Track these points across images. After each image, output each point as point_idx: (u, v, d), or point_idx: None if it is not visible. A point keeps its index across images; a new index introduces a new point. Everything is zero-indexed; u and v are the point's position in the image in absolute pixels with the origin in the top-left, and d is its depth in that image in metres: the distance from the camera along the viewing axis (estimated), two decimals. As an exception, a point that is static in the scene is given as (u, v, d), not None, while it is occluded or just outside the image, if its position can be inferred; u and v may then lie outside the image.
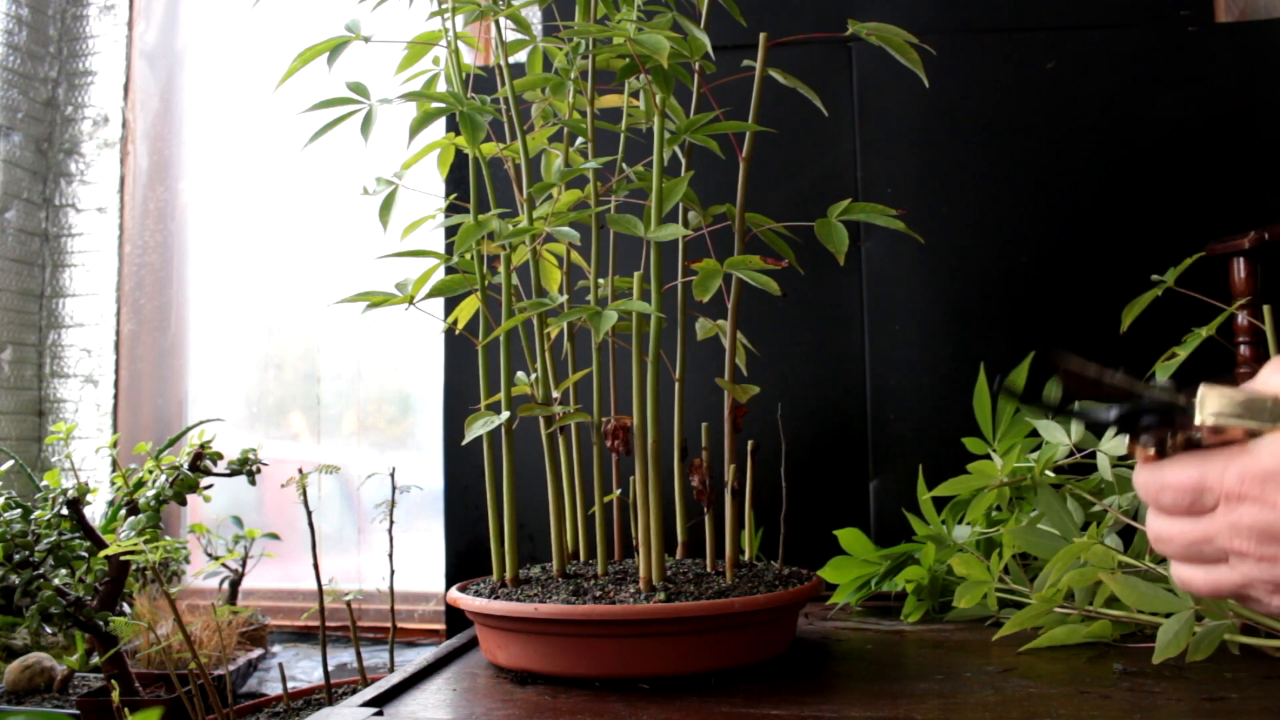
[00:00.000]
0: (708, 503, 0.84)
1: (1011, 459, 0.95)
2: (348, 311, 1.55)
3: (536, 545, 1.20)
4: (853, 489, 1.23)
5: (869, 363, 1.24)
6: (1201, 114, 1.21)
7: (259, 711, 1.10)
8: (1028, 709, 0.66)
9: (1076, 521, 0.93)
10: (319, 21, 1.59)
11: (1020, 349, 1.07)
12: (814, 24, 0.89)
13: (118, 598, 1.07)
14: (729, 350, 0.84)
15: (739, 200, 0.83)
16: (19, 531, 1.05)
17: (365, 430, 1.70)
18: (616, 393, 0.90)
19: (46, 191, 1.80)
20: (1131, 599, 0.79)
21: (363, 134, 0.78)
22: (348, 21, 0.80)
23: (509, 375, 0.82)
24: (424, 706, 0.71)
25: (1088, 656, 0.81)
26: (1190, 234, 1.11)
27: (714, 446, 0.87)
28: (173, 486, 1.06)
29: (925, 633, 0.94)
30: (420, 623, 1.59)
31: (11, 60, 1.73)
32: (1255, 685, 0.71)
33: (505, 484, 0.83)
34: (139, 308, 1.78)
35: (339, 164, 1.65)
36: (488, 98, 0.81)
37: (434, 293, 0.84)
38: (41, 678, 1.24)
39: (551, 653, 0.74)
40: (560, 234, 0.78)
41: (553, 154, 0.89)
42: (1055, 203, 1.23)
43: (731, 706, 0.68)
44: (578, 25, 0.79)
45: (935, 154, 1.24)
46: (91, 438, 1.73)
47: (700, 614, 0.71)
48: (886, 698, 0.70)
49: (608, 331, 0.75)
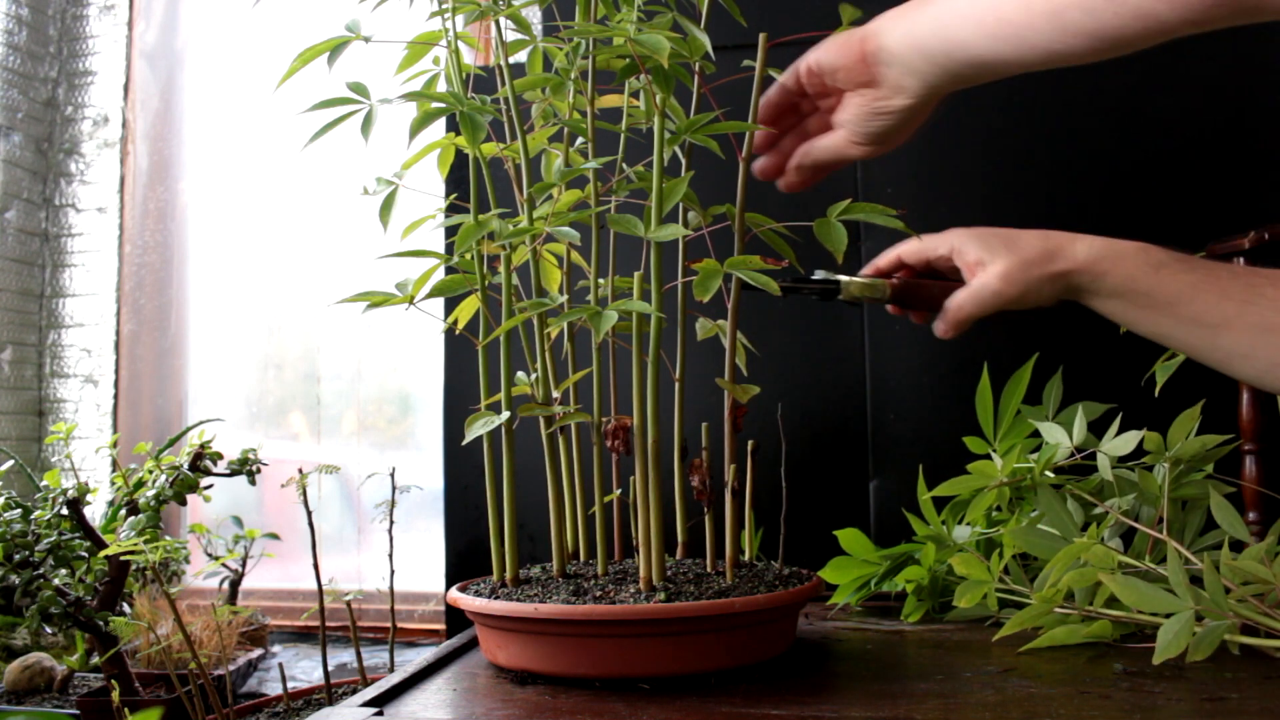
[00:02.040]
0: (708, 503, 0.84)
1: (1012, 459, 0.95)
2: (348, 311, 1.55)
3: (536, 545, 1.20)
4: (853, 489, 1.23)
5: (869, 363, 1.24)
6: (1201, 114, 1.21)
7: (259, 711, 1.10)
8: (1028, 709, 0.66)
9: (1076, 522, 0.93)
10: (319, 21, 1.59)
11: (1020, 349, 1.07)
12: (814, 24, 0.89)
13: (118, 598, 1.07)
14: (729, 350, 0.84)
15: (739, 200, 0.83)
16: (19, 531, 1.05)
17: (365, 430, 1.70)
18: (616, 393, 0.90)
19: (46, 191, 1.80)
20: (1131, 599, 0.79)
21: (363, 134, 0.78)
22: (348, 21, 0.79)
23: (509, 375, 0.82)
24: (424, 706, 0.71)
25: (1088, 656, 0.81)
26: (1190, 234, 1.11)
27: (714, 446, 0.87)
28: (173, 486, 1.06)
29: (925, 633, 0.94)
30: (420, 623, 1.59)
31: (11, 60, 1.73)
32: (1255, 685, 0.71)
33: (505, 484, 0.83)
34: (139, 308, 1.78)
35: (339, 164, 1.65)
36: (488, 98, 0.81)
37: (434, 293, 0.84)
38: (41, 678, 1.24)
39: (552, 653, 0.74)
40: (560, 234, 0.78)
41: (553, 154, 0.89)
42: (1055, 202, 1.23)
43: (731, 706, 0.68)
44: (578, 25, 0.79)
45: (935, 154, 1.24)
46: (91, 438, 1.73)
47: (700, 614, 0.71)
48: (886, 698, 0.70)
49: (608, 331, 0.75)
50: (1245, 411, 1.02)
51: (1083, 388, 1.02)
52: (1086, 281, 0.80)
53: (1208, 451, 0.92)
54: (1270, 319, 0.73)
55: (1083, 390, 1.01)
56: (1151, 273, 0.78)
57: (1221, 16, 0.61)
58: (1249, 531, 0.86)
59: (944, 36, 0.74)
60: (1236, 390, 1.03)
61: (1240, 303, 0.74)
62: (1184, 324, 0.77)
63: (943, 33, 0.74)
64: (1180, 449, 0.91)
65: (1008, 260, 0.80)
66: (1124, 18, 0.64)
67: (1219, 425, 0.94)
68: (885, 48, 0.77)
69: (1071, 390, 1.01)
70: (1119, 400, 0.99)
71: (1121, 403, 0.98)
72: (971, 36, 0.72)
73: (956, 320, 0.83)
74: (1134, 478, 0.93)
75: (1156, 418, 0.93)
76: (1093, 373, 1.08)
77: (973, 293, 0.82)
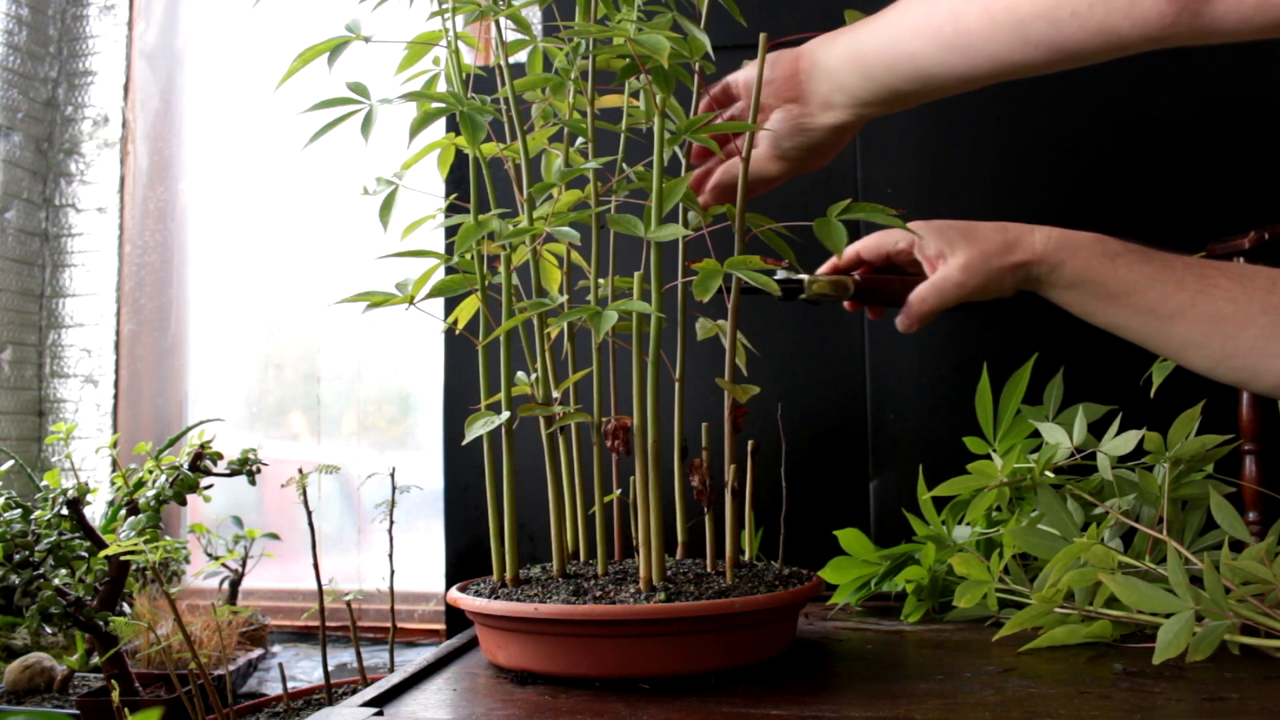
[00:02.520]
0: (708, 503, 0.83)
1: (1011, 459, 0.95)
2: (348, 311, 1.55)
3: (536, 545, 1.20)
4: (853, 489, 1.23)
5: (869, 363, 1.24)
6: (1201, 114, 1.21)
7: (259, 711, 1.10)
8: (1028, 709, 0.66)
9: (1076, 522, 0.93)
10: (319, 21, 1.59)
11: (1020, 349, 1.07)
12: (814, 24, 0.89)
13: (118, 598, 1.07)
14: (729, 350, 0.84)
15: (739, 200, 0.83)
16: (19, 531, 1.05)
17: (365, 430, 1.70)
18: (616, 393, 0.90)
19: (46, 191, 1.80)
20: (1131, 599, 0.79)
21: (363, 134, 0.78)
22: (348, 21, 0.79)
23: (509, 375, 0.82)
24: (424, 706, 0.71)
25: (1088, 656, 0.81)
26: (1190, 234, 1.11)
27: (714, 446, 0.87)
28: (173, 486, 1.06)
29: (925, 633, 0.94)
30: (420, 623, 1.59)
31: (11, 60, 1.73)
32: (1255, 685, 0.71)
33: (505, 484, 0.83)
34: (139, 308, 1.78)
35: (339, 164, 1.65)
36: (488, 98, 0.81)
37: (434, 293, 0.84)
38: (41, 678, 1.24)
39: (551, 653, 0.74)
40: (560, 234, 0.78)
41: (553, 154, 0.89)
42: (1055, 202, 1.23)
43: (731, 706, 0.68)
44: (578, 25, 0.79)
45: (935, 154, 1.24)
46: (91, 438, 1.73)
47: (700, 614, 0.71)
48: (886, 698, 0.69)
49: (608, 331, 0.75)
50: (1245, 411, 1.02)
51: (1083, 388, 1.02)
52: (1044, 272, 0.82)
53: (1208, 451, 0.92)
54: (1223, 309, 0.75)
55: (1083, 390, 1.01)
56: (1107, 263, 0.79)
57: (1178, 36, 0.62)
58: (1249, 531, 0.86)
59: (893, 48, 0.75)
60: (1236, 390, 1.03)
61: (1194, 293, 0.76)
62: (1139, 314, 0.78)
63: (892, 44, 0.75)
64: (1180, 449, 0.91)
65: (968, 253, 0.82)
66: (1087, 32, 0.65)
67: (1219, 425, 0.94)
68: (819, 64, 0.79)
69: (1071, 390, 1.01)
70: (1119, 400, 0.99)
71: (1122, 403, 0.98)
72: (923, 48, 0.73)
73: (920, 314, 0.85)
74: (1134, 478, 0.93)
75: (1156, 418, 0.93)
76: (1093, 373, 1.08)
77: (934, 286, 0.83)
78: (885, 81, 0.76)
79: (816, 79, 0.79)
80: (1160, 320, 0.77)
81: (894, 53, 0.74)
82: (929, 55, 0.72)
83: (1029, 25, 0.67)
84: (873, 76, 0.76)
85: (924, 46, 0.72)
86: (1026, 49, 0.68)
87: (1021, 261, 0.81)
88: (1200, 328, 0.76)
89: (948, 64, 0.72)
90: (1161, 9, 0.61)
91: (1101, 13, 0.63)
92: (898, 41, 0.74)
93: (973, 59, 0.70)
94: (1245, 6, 0.58)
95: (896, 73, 0.75)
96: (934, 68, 0.73)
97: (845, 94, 0.78)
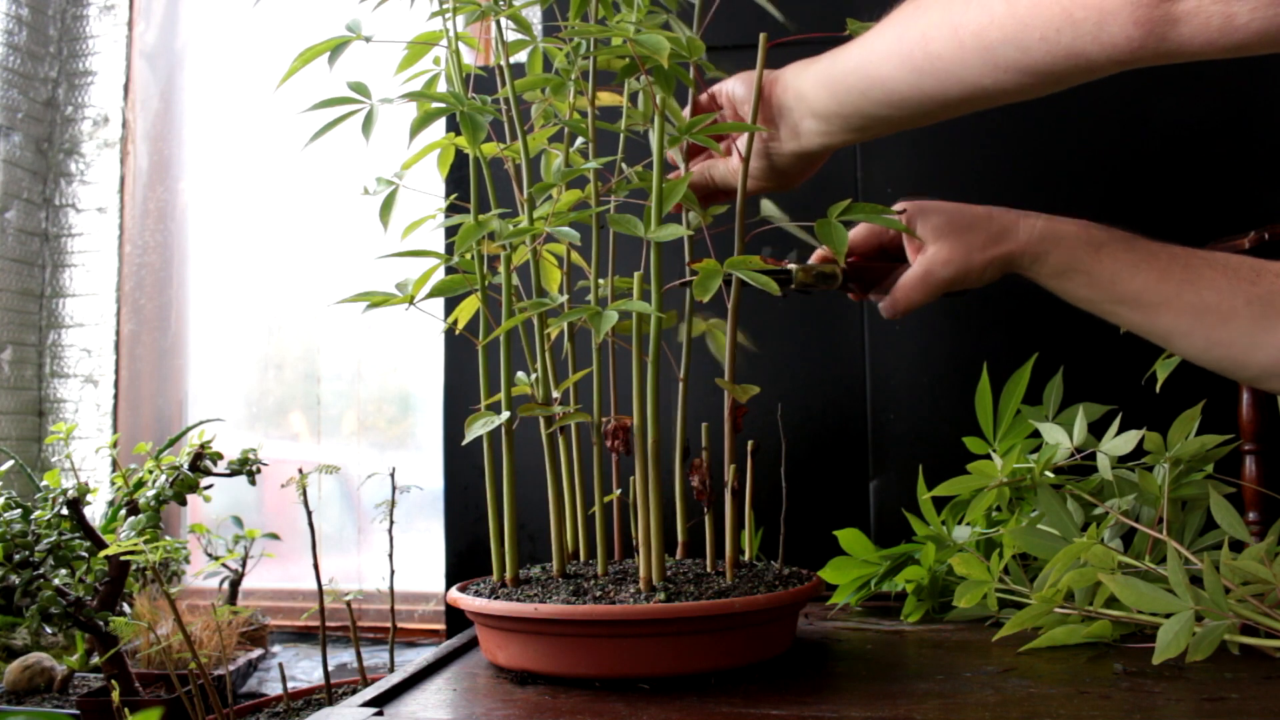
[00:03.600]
0: (708, 503, 0.84)
1: (1011, 459, 0.95)
2: (348, 311, 1.55)
3: (536, 545, 1.20)
4: (853, 489, 1.23)
5: (869, 363, 1.24)
6: (1201, 114, 1.21)
7: (259, 711, 1.10)
8: (1028, 709, 0.66)
9: (1076, 522, 0.93)
10: (319, 21, 1.59)
11: (1020, 349, 1.07)
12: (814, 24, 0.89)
13: (118, 598, 1.07)
14: (729, 350, 0.84)
15: (739, 200, 0.83)
16: (19, 531, 1.05)
17: (365, 430, 1.70)
18: (616, 393, 0.90)
19: (46, 191, 1.80)
20: (1131, 599, 0.79)
21: (363, 134, 0.78)
22: (348, 21, 0.79)
23: (509, 375, 0.82)
24: (424, 706, 0.71)
25: (1088, 656, 0.81)
26: (1190, 234, 1.10)
27: (714, 446, 0.87)
28: (173, 486, 1.06)
29: (925, 633, 0.94)
30: (420, 623, 1.59)
31: (11, 60, 1.73)
32: (1255, 685, 0.71)
33: (505, 484, 0.83)
34: (139, 308, 1.78)
35: (339, 164, 1.65)
36: (488, 98, 0.81)
37: (434, 293, 0.84)
38: (41, 678, 1.24)
39: (551, 653, 0.74)
40: (560, 234, 0.78)
41: (553, 154, 0.89)
42: (1055, 203, 1.22)
43: (731, 706, 0.68)
44: (578, 25, 0.79)
45: (935, 154, 1.24)
46: (91, 438, 1.73)
47: (700, 614, 0.71)
48: (886, 698, 0.70)
49: (608, 331, 0.75)
50: (1245, 411, 1.02)
51: (1083, 388, 1.02)
52: (1028, 262, 0.82)
53: (1208, 451, 0.92)
54: (1207, 299, 0.75)
55: (1083, 390, 1.01)
56: (1092, 252, 0.80)
57: (1145, 58, 0.62)
58: (1249, 531, 0.86)
59: (864, 72, 0.75)
60: (1236, 390, 1.03)
61: (1179, 283, 0.77)
62: (1124, 303, 0.79)
63: (863, 68, 0.75)
64: (1180, 449, 0.91)
65: (953, 243, 0.82)
66: (1056, 56, 0.65)
67: (1219, 425, 0.94)
68: (791, 88, 0.80)
69: (1071, 390, 1.01)
70: (1119, 400, 0.99)
71: (1121, 403, 0.98)
72: (894, 72, 0.73)
73: (907, 302, 0.85)
74: (1134, 478, 0.93)
75: (1156, 418, 0.93)
76: (1093, 373, 1.08)
77: (918, 278, 0.84)
78: (857, 105, 0.77)
79: (788, 105, 0.80)
80: (1145, 309, 0.78)
81: (865, 78, 0.75)
82: (900, 79, 0.73)
83: (997, 50, 0.67)
84: (844, 101, 0.77)
85: (895, 70, 0.73)
86: (996, 73, 0.68)
87: (1006, 253, 0.82)
88: (1185, 317, 0.76)
89: (918, 88, 0.72)
90: (1129, 33, 0.61)
91: (1069, 37, 0.63)
92: (869, 65, 0.75)
93: (943, 82, 0.71)
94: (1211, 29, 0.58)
95: (868, 97, 0.75)
96: (905, 91, 0.73)
97: (815, 119, 0.79)
